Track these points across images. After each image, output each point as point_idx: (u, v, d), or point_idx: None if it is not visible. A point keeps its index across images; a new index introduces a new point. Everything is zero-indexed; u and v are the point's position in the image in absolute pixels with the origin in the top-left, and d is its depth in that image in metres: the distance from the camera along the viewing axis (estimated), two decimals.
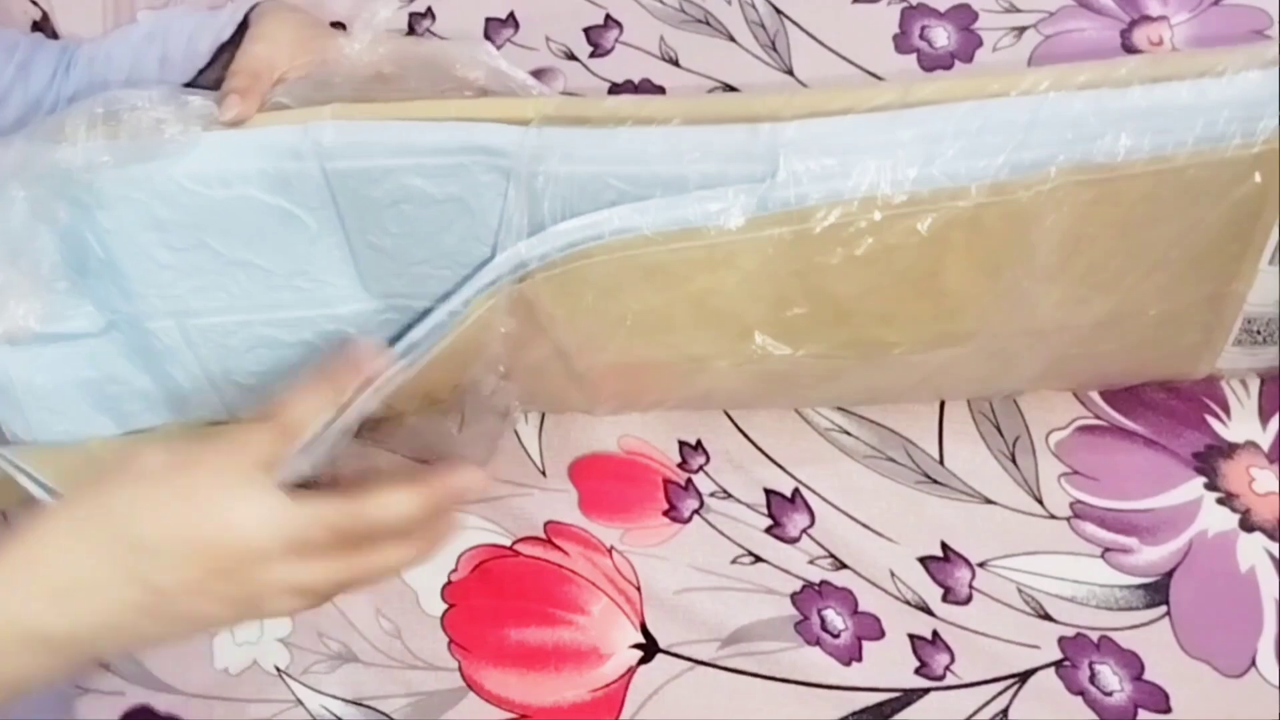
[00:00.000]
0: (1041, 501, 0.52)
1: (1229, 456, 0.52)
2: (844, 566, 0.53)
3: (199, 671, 0.56)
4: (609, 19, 0.67)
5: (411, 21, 0.70)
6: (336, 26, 0.54)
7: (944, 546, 0.52)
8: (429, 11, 0.70)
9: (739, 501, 0.55)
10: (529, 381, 0.52)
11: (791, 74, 0.64)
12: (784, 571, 0.53)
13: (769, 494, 0.55)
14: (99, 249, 0.48)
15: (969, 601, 0.51)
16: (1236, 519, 0.51)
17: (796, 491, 0.55)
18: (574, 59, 0.67)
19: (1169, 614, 0.50)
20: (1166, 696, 0.48)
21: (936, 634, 0.51)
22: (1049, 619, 0.50)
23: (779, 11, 0.65)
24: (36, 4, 0.73)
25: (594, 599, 0.54)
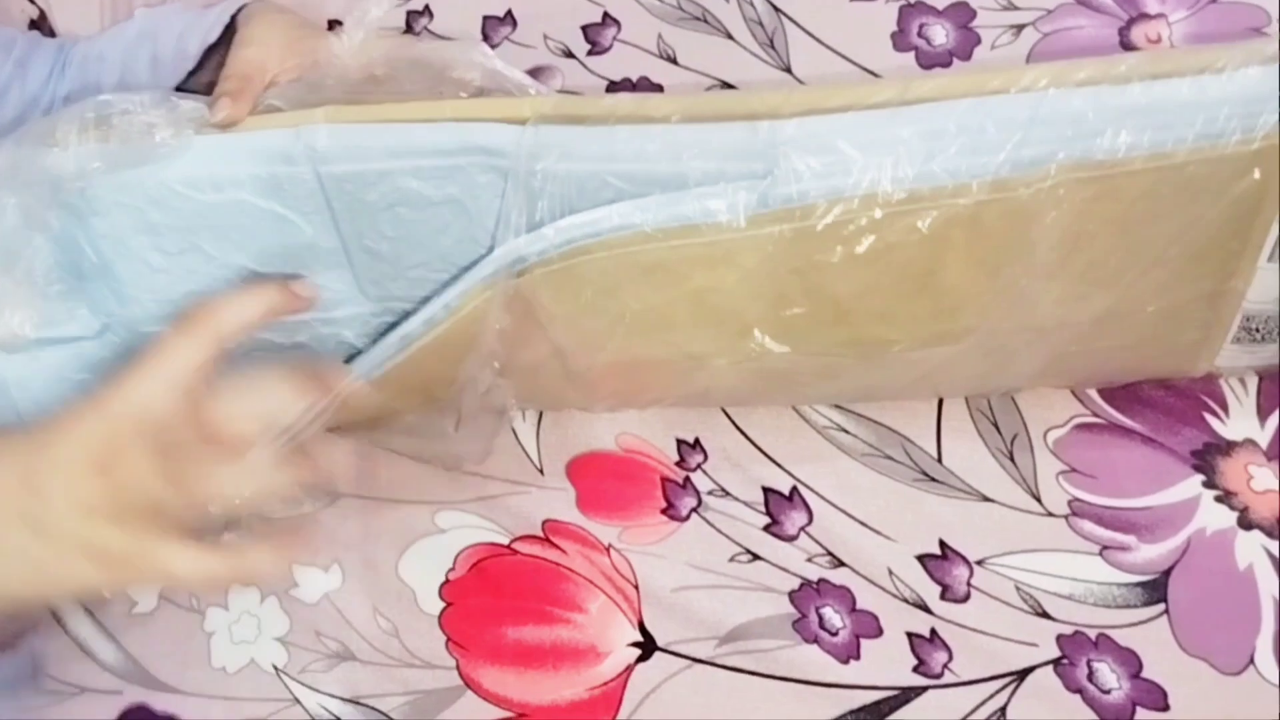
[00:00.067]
0: (1040, 499, 0.52)
1: (1227, 454, 0.52)
2: (842, 564, 0.53)
3: (196, 670, 0.56)
4: (607, 17, 0.67)
5: (409, 19, 0.70)
6: (335, 25, 0.54)
7: (942, 544, 0.52)
8: (426, 9, 0.70)
9: (737, 500, 0.55)
10: (526, 380, 0.52)
11: (790, 72, 0.63)
12: (782, 569, 0.53)
13: (767, 492, 0.55)
14: (92, 253, 0.48)
15: (967, 599, 0.51)
16: (1235, 517, 0.51)
17: (794, 489, 0.55)
18: (572, 57, 0.66)
19: (1167, 612, 0.50)
20: (1165, 694, 0.48)
21: (934, 632, 0.51)
22: (1047, 617, 0.50)
23: (777, 9, 0.65)
24: (34, 2, 0.73)
25: (592, 597, 0.54)
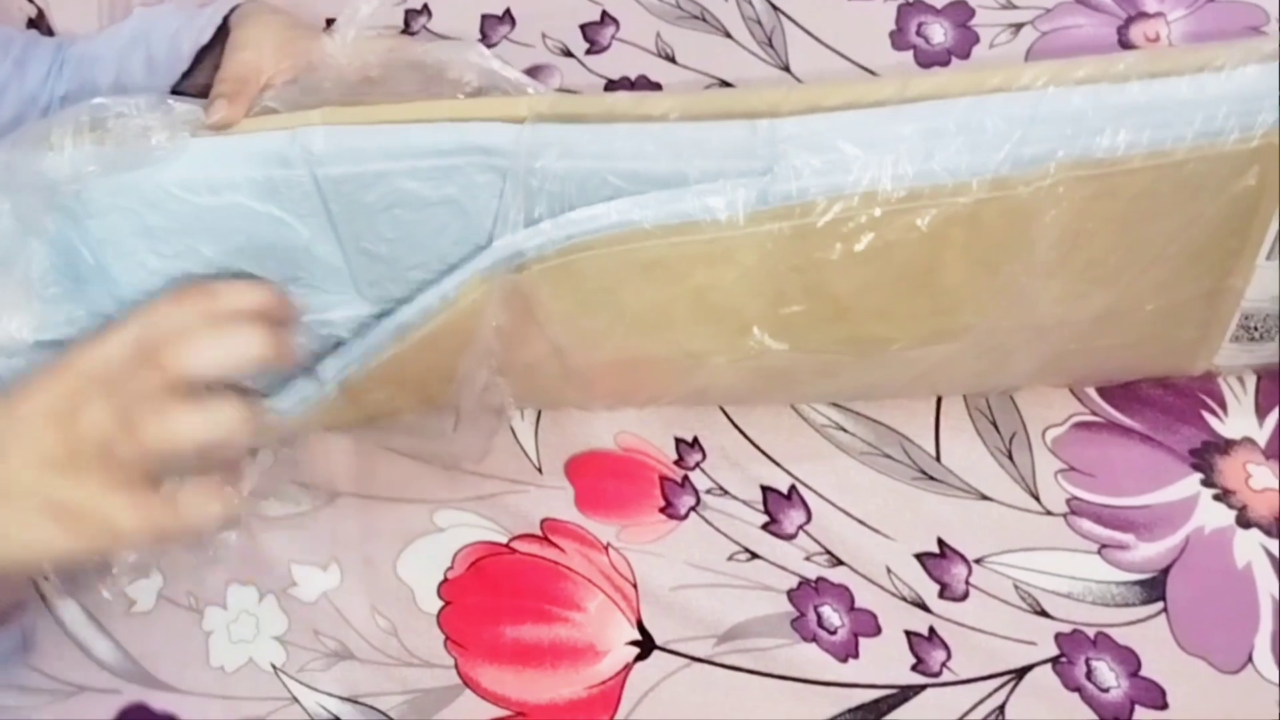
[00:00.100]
0: (1038, 498, 0.52)
1: (1226, 453, 0.52)
2: (840, 563, 0.53)
3: (195, 669, 0.56)
4: (605, 16, 0.67)
5: (407, 18, 0.69)
6: (332, 24, 0.54)
7: (940, 543, 0.52)
8: (425, 8, 0.70)
9: (735, 498, 0.55)
10: (525, 379, 0.52)
11: (788, 70, 0.63)
12: (780, 568, 0.53)
13: (765, 491, 0.55)
14: (89, 256, 0.48)
15: (965, 598, 0.51)
16: (1233, 515, 0.51)
17: (793, 488, 0.55)
18: (570, 56, 0.66)
19: (1165, 610, 0.50)
20: (1163, 693, 0.48)
21: (933, 630, 0.51)
22: (1045, 615, 0.50)
23: (775, 8, 0.65)
24: (32, 1, 0.73)
25: (590, 596, 0.54)
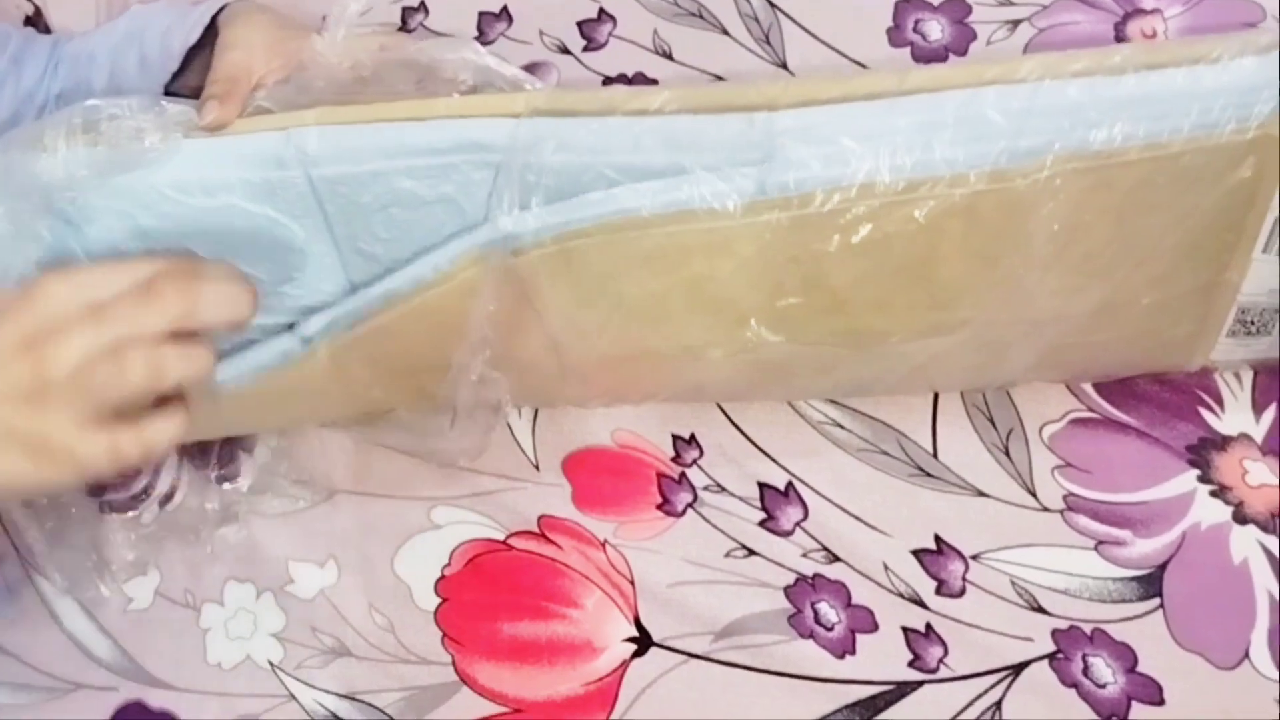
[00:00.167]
0: (1035, 494, 0.52)
1: (1222, 449, 0.52)
2: (837, 559, 0.53)
3: (192, 667, 0.56)
4: (602, 13, 0.67)
5: (404, 16, 0.69)
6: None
7: (937, 539, 0.52)
8: (422, 6, 0.70)
9: (732, 495, 0.55)
10: (522, 377, 0.52)
11: (785, 67, 0.63)
12: (777, 565, 0.53)
13: (762, 487, 0.55)
14: (84, 258, 0.47)
15: (962, 594, 0.51)
16: (1229, 511, 0.51)
17: (790, 485, 0.55)
18: (567, 53, 0.66)
19: (1162, 606, 0.50)
20: (1160, 689, 0.48)
21: (930, 627, 0.51)
22: (1042, 611, 0.50)
23: (773, 5, 0.65)
24: None
25: (587, 593, 0.54)
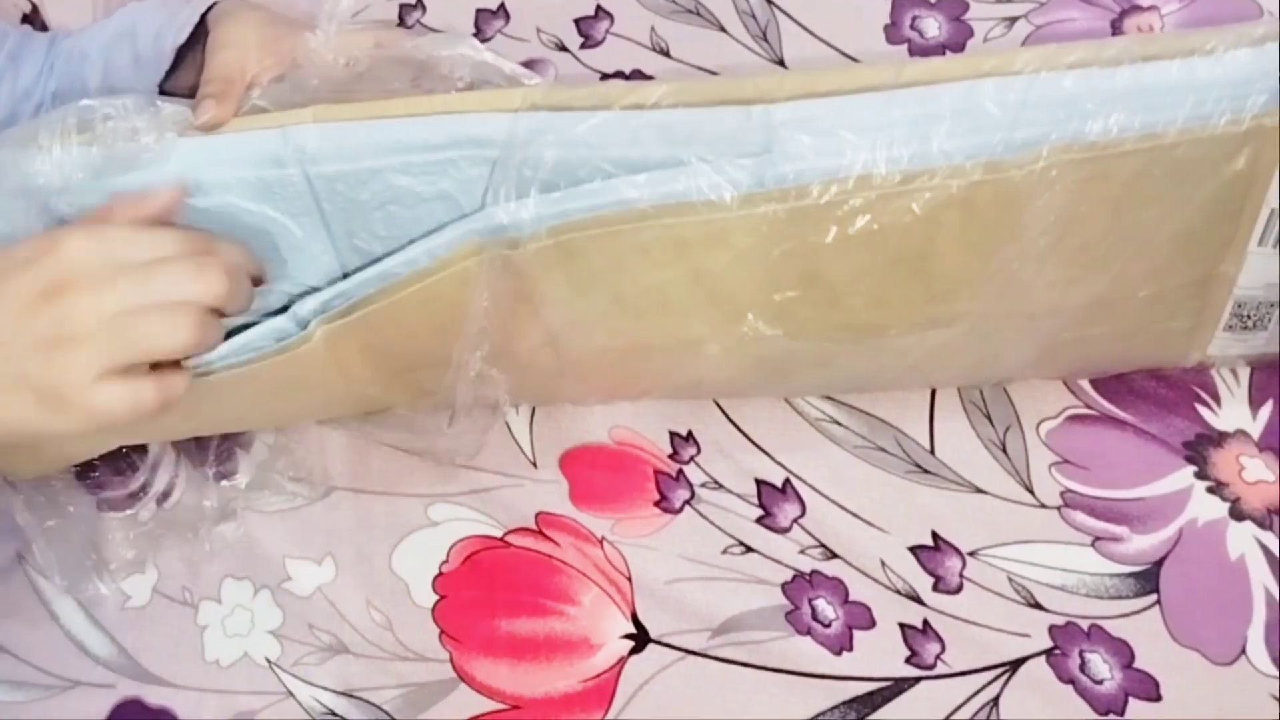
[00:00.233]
0: (1032, 490, 0.52)
1: (1219, 445, 0.52)
2: (835, 556, 0.53)
3: (190, 664, 0.56)
4: (600, 10, 0.67)
5: (402, 13, 0.69)
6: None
7: (934, 536, 0.52)
8: (419, 3, 0.70)
9: (730, 492, 0.55)
10: (519, 374, 0.52)
11: (782, 64, 0.63)
12: (775, 561, 0.53)
13: (760, 484, 0.55)
14: None
15: (959, 591, 0.51)
16: (1226, 508, 0.51)
17: (787, 482, 0.55)
18: (565, 50, 0.66)
19: (1159, 602, 0.50)
20: (1157, 685, 0.48)
21: (927, 623, 0.51)
22: (1039, 608, 0.50)
23: (770, 2, 0.65)
24: None
25: (585, 590, 0.54)
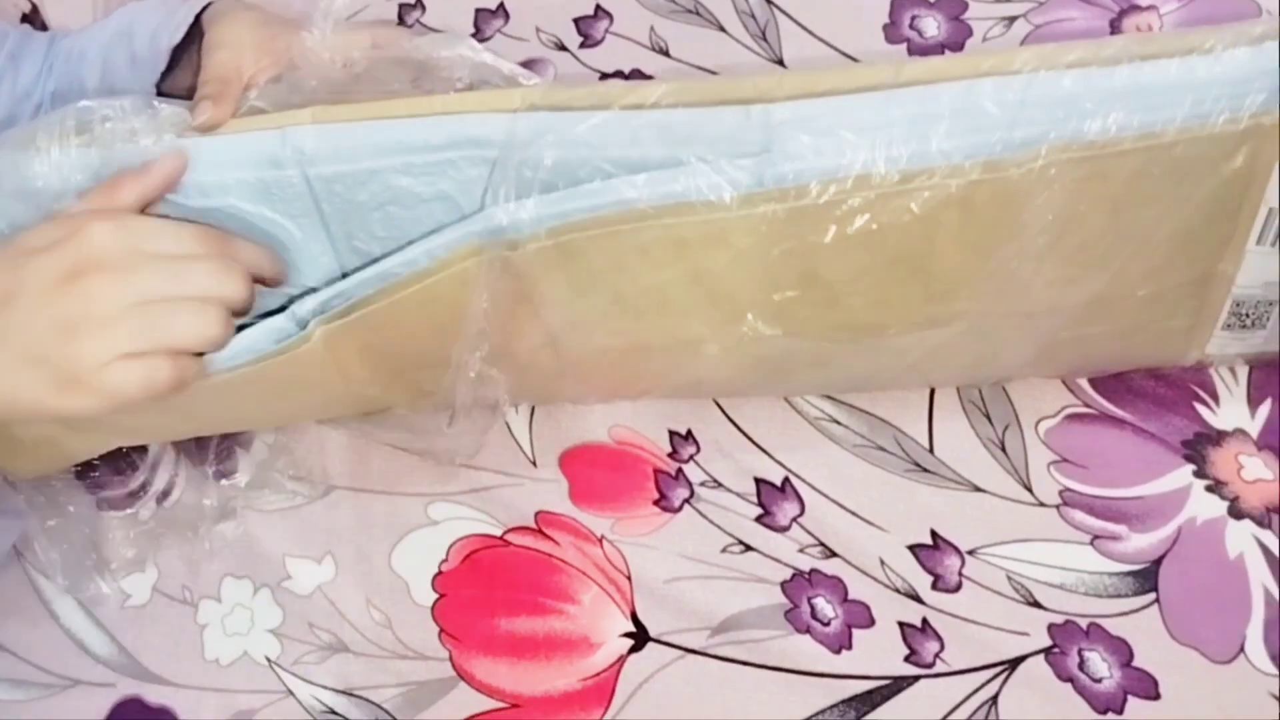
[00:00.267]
0: (1031, 489, 0.53)
1: (1218, 444, 0.52)
2: (834, 555, 0.53)
3: (190, 663, 0.56)
4: (599, 9, 0.67)
5: (401, 12, 0.70)
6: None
7: (934, 534, 0.53)
8: (419, 3, 0.70)
9: (729, 490, 0.55)
10: (519, 374, 0.52)
11: (781, 64, 0.63)
12: (774, 560, 0.53)
13: (759, 483, 0.55)
14: None
15: (958, 589, 0.51)
16: (1225, 506, 0.51)
17: (786, 480, 0.55)
18: (564, 49, 0.66)
19: (1158, 601, 0.50)
20: (1155, 683, 0.48)
21: (926, 622, 0.51)
22: (1038, 606, 0.50)
23: (769, 1, 0.65)
24: None
25: (584, 588, 0.54)
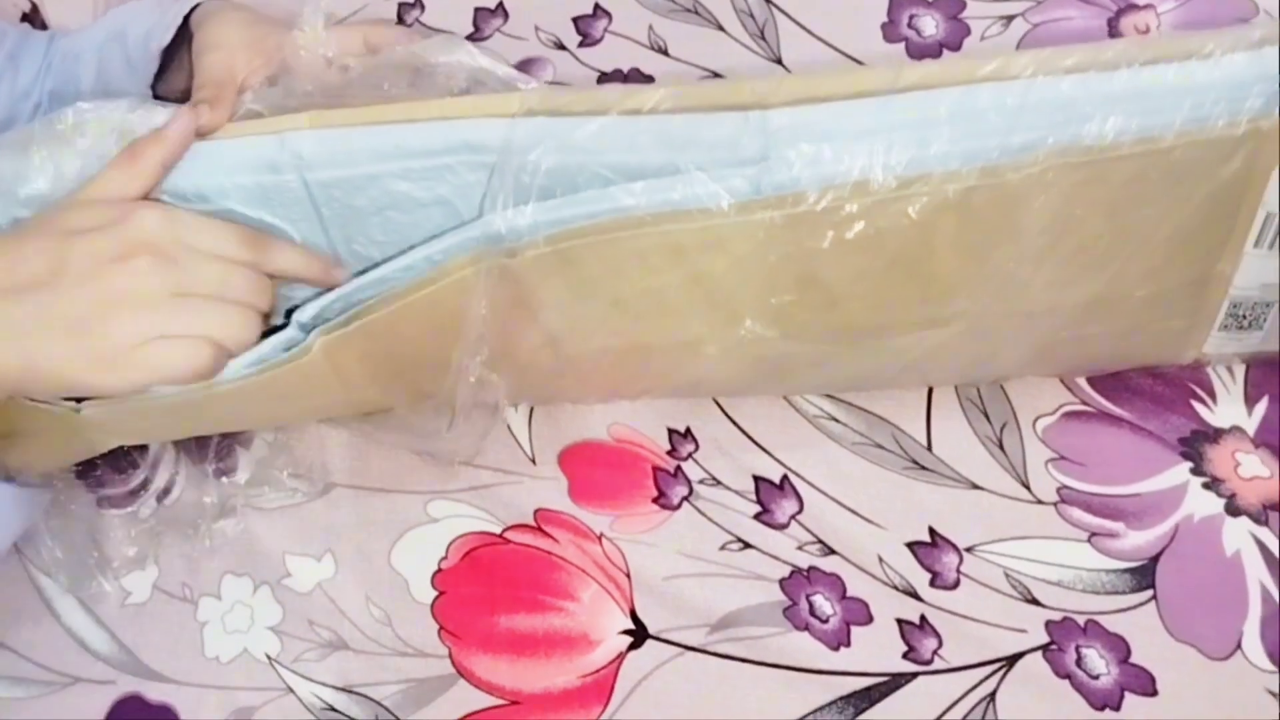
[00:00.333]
0: (1029, 487, 0.53)
1: (1215, 441, 0.52)
2: (832, 552, 0.53)
3: (190, 660, 0.56)
4: (598, 8, 0.67)
5: (400, 12, 0.70)
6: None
7: (932, 532, 0.53)
8: (418, 2, 0.70)
9: (728, 488, 0.55)
10: (518, 375, 0.52)
11: (780, 63, 0.64)
12: (772, 557, 0.53)
13: (758, 481, 0.55)
14: None
15: (956, 586, 0.51)
16: (1222, 504, 0.51)
17: (785, 478, 0.55)
18: (563, 49, 0.67)
19: (1155, 598, 0.50)
20: (1153, 679, 0.49)
21: (924, 619, 0.51)
22: (1036, 603, 0.51)
23: (768, 1, 0.65)
24: None
25: (584, 586, 0.54)
